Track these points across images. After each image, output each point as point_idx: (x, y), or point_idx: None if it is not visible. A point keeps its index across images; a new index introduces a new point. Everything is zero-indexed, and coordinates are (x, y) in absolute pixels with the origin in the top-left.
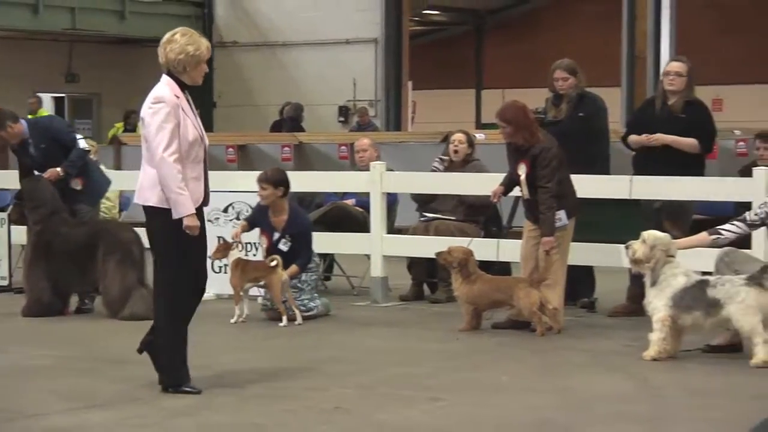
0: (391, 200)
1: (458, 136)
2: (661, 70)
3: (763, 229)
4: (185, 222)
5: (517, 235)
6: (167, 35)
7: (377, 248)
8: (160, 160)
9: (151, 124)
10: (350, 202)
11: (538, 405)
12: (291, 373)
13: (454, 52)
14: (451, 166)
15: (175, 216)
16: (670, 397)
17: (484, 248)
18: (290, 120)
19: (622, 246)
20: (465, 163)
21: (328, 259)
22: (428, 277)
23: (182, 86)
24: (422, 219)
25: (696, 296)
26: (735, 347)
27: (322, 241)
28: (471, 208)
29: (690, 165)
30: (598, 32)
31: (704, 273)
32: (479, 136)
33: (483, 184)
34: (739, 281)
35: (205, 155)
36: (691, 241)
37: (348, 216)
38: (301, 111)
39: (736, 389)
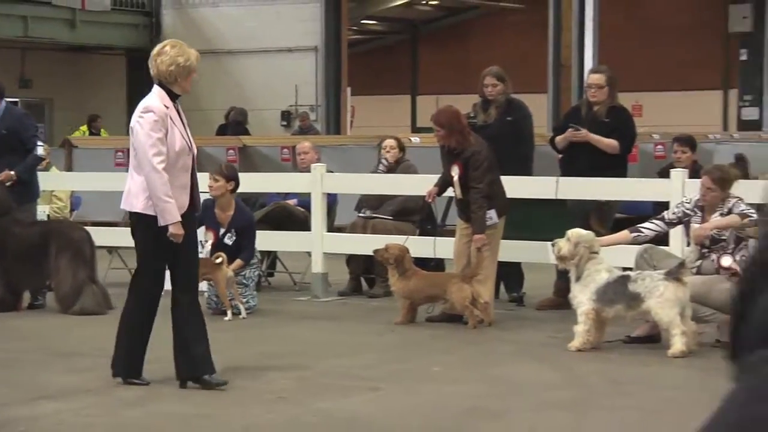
0: (331, 200)
1: (389, 142)
2: (585, 78)
3: (680, 227)
4: (170, 229)
5: (451, 233)
6: (157, 48)
7: (318, 246)
8: (150, 169)
9: (139, 132)
10: (292, 202)
11: (470, 393)
12: (236, 365)
13: (390, 60)
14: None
15: (162, 223)
16: (592, 386)
17: (420, 245)
18: (235, 124)
19: (549, 243)
20: (397, 165)
21: (271, 256)
22: (366, 272)
23: (172, 96)
24: (360, 216)
25: (618, 290)
26: (654, 338)
27: (266, 239)
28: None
29: (613, 166)
30: (525, 42)
31: (625, 268)
32: (414, 139)
33: (418, 184)
34: (658, 276)
35: (193, 164)
36: (613, 238)
37: (290, 215)
38: (246, 116)
39: (654, 378)
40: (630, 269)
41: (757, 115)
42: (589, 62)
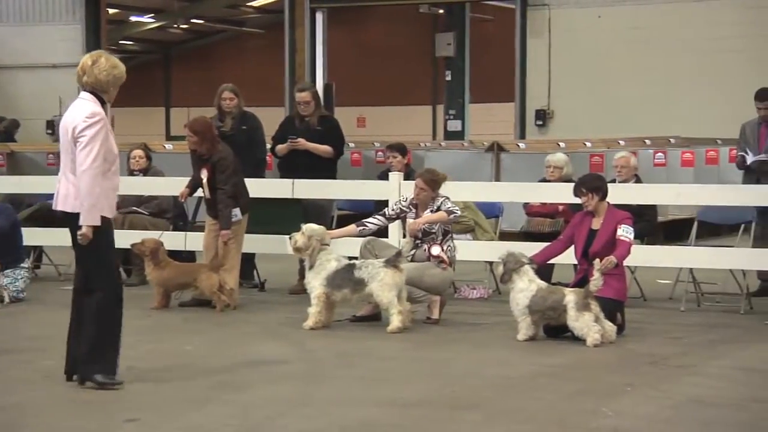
0: None
1: (137, 152)
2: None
3: (398, 221)
4: (84, 230)
5: (201, 228)
6: (89, 58)
7: None
8: (87, 170)
9: (84, 135)
10: None
11: (217, 369)
12: (3, 348)
13: (146, 76)
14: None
15: (82, 222)
16: (322, 359)
17: (173, 239)
18: (4, 133)
19: (287, 236)
20: (147, 171)
21: (38, 251)
22: (124, 263)
23: (102, 103)
24: (120, 212)
25: (345, 277)
26: (375, 317)
27: (33, 235)
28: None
29: (325, 169)
30: (265, 62)
31: (352, 257)
32: (168, 146)
33: (171, 185)
34: (379, 264)
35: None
36: (342, 231)
37: (55, 213)
38: (17, 126)
39: (375, 351)
40: (356, 258)
41: (460, 127)
42: (320, 79)
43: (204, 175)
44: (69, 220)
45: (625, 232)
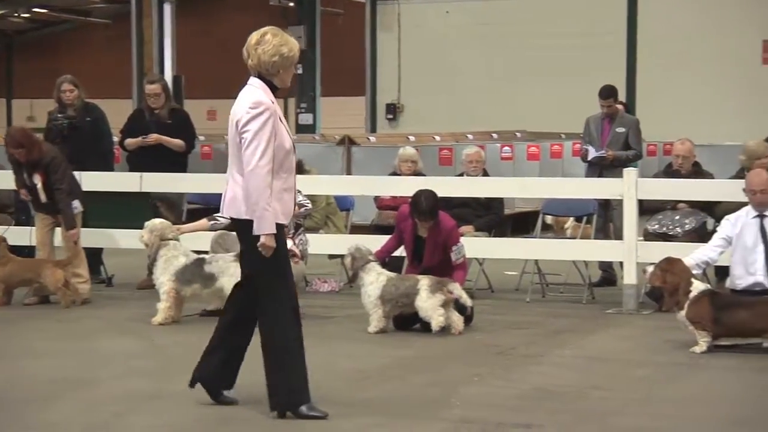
0: None
1: None
2: (144, 87)
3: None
4: (263, 240)
5: None
6: (255, 35)
7: None
8: (254, 170)
9: (247, 130)
10: None
11: (63, 365)
12: None
13: None
14: None
15: (256, 232)
16: (172, 354)
17: (17, 235)
18: None
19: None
20: None
21: None
22: None
23: (272, 89)
24: None
25: (195, 272)
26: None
27: None
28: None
29: (175, 162)
30: (112, 53)
31: (202, 252)
32: None
33: (10, 179)
34: (230, 258)
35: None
36: (194, 226)
37: None
38: None
39: None
40: (206, 253)
41: (311, 120)
42: (168, 71)
43: (38, 180)
44: (237, 226)
45: (458, 254)
